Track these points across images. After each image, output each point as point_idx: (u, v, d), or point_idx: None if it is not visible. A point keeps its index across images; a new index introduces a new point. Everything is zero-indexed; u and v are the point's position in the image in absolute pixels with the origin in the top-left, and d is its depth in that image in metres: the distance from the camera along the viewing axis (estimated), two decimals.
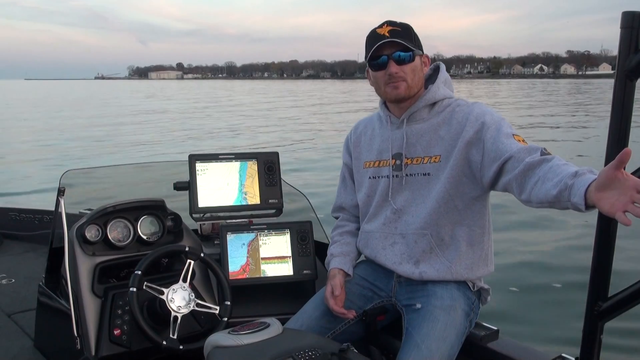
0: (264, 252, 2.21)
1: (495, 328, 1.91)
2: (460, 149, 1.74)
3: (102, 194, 3.50)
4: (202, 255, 2.02)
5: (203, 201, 2.32)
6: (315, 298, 1.96)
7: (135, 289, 1.83)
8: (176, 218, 2.28)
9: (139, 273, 1.87)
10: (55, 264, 2.22)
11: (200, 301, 1.96)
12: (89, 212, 2.18)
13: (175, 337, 1.85)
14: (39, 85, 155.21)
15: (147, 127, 21.24)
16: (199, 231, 2.48)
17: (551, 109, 29.90)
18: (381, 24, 1.80)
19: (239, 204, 2.37)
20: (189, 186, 2.32)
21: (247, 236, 2.22)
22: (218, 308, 1.96)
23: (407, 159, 1.84)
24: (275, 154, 2.46)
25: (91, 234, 2.10)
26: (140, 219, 2.21)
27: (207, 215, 2.39)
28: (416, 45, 1.79)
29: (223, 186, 2.36)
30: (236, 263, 2.18)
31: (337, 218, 2.14)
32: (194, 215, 2.34)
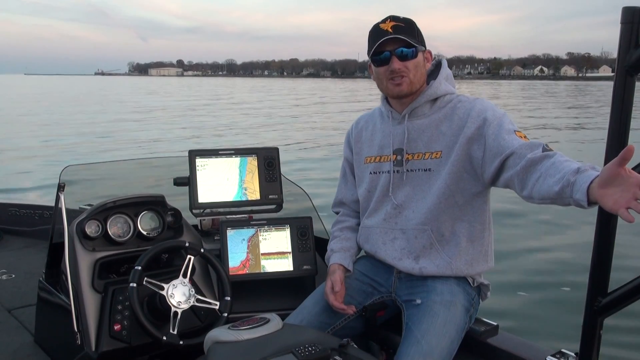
0: (264, 248, 2.21)
1: (495, 323, 1.91)
2: (461, 145, 1.74)
3: (102, 189, 3.50)
4: (202, 250, 2.02)
5: (203, 197, 2.33)
6: (315, 293, 1.96)
7: (135, 285, 1.84)
8: (176, 214, 2.28)
9: (139, 268, 1.87)
10: (56, 260, 2.21)
11: (200, 297, 1.96)
12: (89, 208, 2.19)
13: (175, 333, 1.85)
14: (38, 80, 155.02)
15: (148, 124, 21.22)
16: (199, 227, 2.48)
17: (553, 110, 29.83)
18: (384, 19, 1.80)
19: (239, 200, 2.37)
20: (189, 182, 2.32)
21: (247, 232, 2.22)
22: (218, 303, 1.96)
23: (408, 155, 1.84)
24: (275, 149, 2.46)
25: (91, 229, 2.10)
26: (140, 215, 2.21)
27: (207, 210, 2.39)
28: (419, 41, 1.79)
29: (223, 182, 2.36)
30: (236, 258, 2.18)
31: (338, 213, 2.14)
32: (194, 211, 2.35)
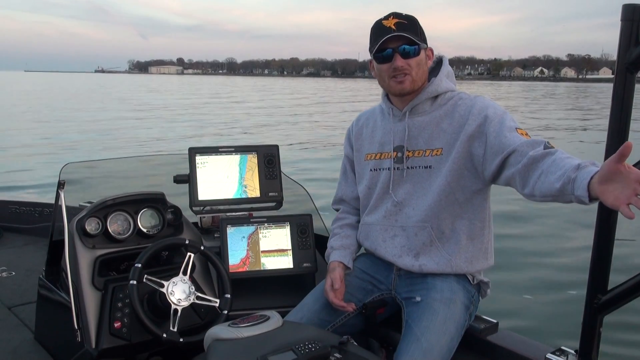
0: (264, 245, 2.21)
1: (495, 321, 1.91)
2: (462, 142, 1.73)
3: (102, 187, 3.50)
4: (202, 248, 2.01)
5: (203, 194, 2.32)
6: (315, 291, 1.96)
7: (135, 282, 1.83)
8: (176, 211, 2.28)
9: (139, 266, 1.87)
10: (56, 257, 2.21)
11: (200, 294, 1.96)
12: (89, 205, 2.18)
13: (176, 330, 1.85)
14: (38, 77, 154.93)
15: (149, 122, 21.22)
16: (199, 224, 2.48)
17: (555, 112, 29.80)
18: (387, 16, 1.79)
19: (239, 197, 2.37)
20: (189, 179, 2.32)
21: (247, 229, 2.22)
22: (218, 301, 1.96)
23: (409, 152, 1.83)
24: (275, 147, 2.46)
25: (91, 226, 2.10)
26: (141, 212, 2.21)
27: (207, 208, 2.39)
28: (421, 39, 1.79)
29: (223, 179, 2.36)
30: (236, 256, 2.18)
31: (338, 210, 2.14)
32: (194, 209, 2.34)
